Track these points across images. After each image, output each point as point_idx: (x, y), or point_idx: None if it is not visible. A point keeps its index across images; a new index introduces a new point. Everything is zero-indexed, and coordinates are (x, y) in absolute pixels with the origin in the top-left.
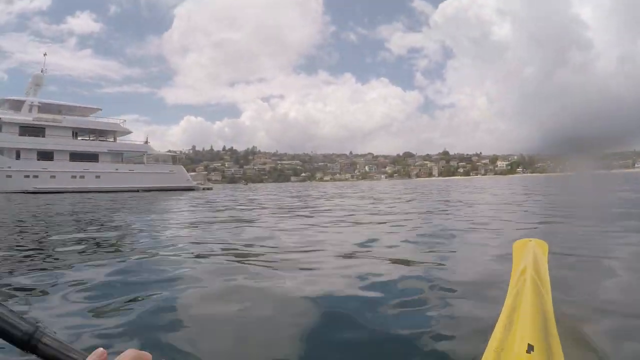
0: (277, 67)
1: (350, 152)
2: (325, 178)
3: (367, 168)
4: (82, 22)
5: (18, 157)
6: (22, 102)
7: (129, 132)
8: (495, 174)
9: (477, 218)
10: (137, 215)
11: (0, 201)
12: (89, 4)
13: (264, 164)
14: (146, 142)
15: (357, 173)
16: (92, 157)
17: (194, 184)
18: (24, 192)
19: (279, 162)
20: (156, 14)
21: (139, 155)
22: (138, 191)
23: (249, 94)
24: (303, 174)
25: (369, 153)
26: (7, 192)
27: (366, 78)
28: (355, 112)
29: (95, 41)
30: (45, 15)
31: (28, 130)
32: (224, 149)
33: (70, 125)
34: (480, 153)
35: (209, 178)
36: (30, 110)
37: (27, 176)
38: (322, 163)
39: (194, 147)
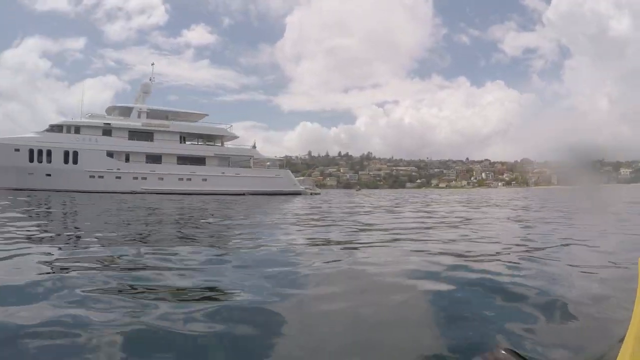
0: (390, 72)
1: (467, 159)
2: (441, 185)
3: (483, 175)
4: (198, 34)
5: (127, 159)
6: (131, 109)
7: (236, 137)
8: (618, 182)
9: None
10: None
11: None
12: (203, 17)
13: (379, 169)
14: (253, 147)
15: (474, 180)
16: (199, 161)
17: (301, 188)
18: (132, 193)
19: (394, 168)
20: (267, 24)
21: (246, 160)
22: (244, 194)
23: (363, 100)
24: (418, 180)
25: (486, 159)
26: (116, 193)
27: (481, 81)
28: (471, 116)
29: (211, 52)
30: (162, 29)
31: (137, 134)
32: (339, 154)
33: (177, 130)
34: (603, 159)
35: (324, 183)
36: (138, 116)
37: (136, 178)
38: (438, 169)
39: (309, 152)
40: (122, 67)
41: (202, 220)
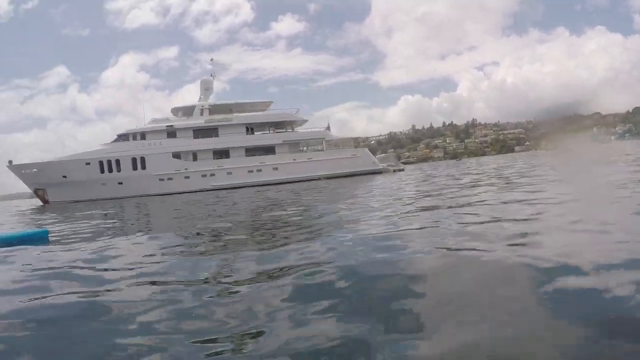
0: (484, 32)
1: (575, 114)
2: (549, 146)
3: (595, 130)
4: (287, 24)
5: (195, 158)
6: (193, 107)
7: (305, 121)
8: None
9: None
10: None
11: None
12: (289, 6)
13: (485, 135)
14: (327, 129)
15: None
16: (269, 150)
17: (380, 166)
18: (202, 191)
19: (500, 132)
20: (352, 2)
21: (319, 143)
22: (319, 179)
23: (461, 65)
24: (527, 143)
25: (596, 113)
26: (187, 192)
27: (580, 29)
28: (575, 68)
29: (302, 40)
30: (251, 25)
31: (201, 132)
32: (443, 124)
33: (241, 121)
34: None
35: (431, 156)
36: (201, 114)
37: (204, 175)
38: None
39: (413, 126)
40: (218, 68)
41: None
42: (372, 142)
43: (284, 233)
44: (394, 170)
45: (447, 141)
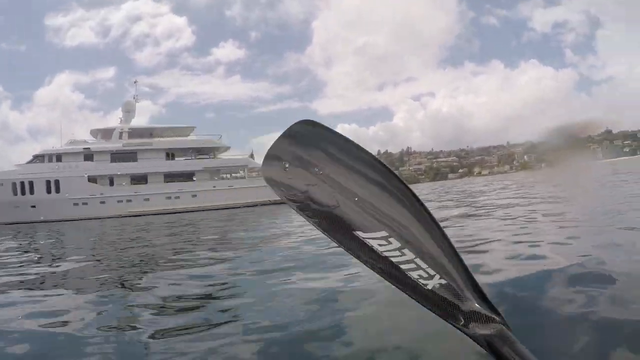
0: (421, 64)
1: (508, 143)
2: (484, 172)
3: (525, 157)
4: (227, 51)
5: (112, 183)
6: (112, 130)
7: (227, 148)
8: None
9: None
10: None
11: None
12: (230, 33)
13: (420, 163)
14: (251, 156)
15: (516, 164)
16: (189, 176)
17: None
18: (119, 217)
19: (434, 160)
20: (293, 32)
21: (241, 170)
22: (240, 207)
23: (398, 95)
24: (460, 170)
25: (527, 141)
26: (101, 218)
27: (515, 62)
28: (509, 99)
29: (242, 66)
30: (191, 50)
31: (119, 156)
32: (378, 153)
33: (161, 146)
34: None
35: None
36: (120, 137)
37: (121, 201)
38: (479, 157)
39: None
40: (156, 91)
41: None
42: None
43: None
44: None
45: None
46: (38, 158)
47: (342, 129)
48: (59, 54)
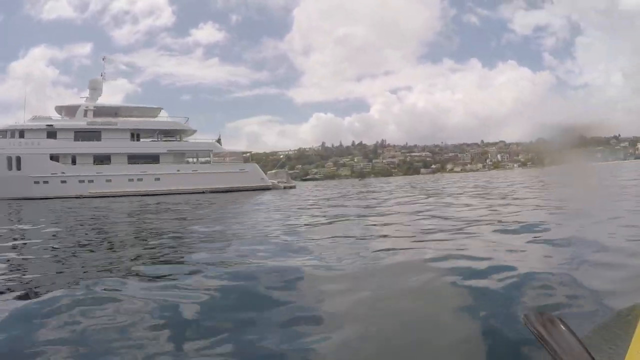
0: (401, 58)
1: (482, 141)
2: (456, 169)
3: (499, 157)
4: (206, 32)
5: (74, 162)
6: (76, 108)
7: (194, 131)
8: (636, 157)
9: None
10: None
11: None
12: (211, 15)
13: (393, 157)
14: (218, 141)
15: (489, 162)
16: (153, 159)
17: (269, 182)
18: (78, 197)
19: (408, 154)
20: (273, 18)
21: (205, 155)
22: (204, 192)
23: (376, 88)
24: (433, 166)
25: (501, 141)
26: (62, 198)
27: (493, 62)
28: (485, 98)
29: (220, 50)
30: (170, 30)
31: (82, 135)
32: (353, 144)
33: (126, 127)
34: (619, 135)
35: (338, 174)
36: (85, 115)
37: (82, 181)
38: (453, 154)
39: (323, 143)
40: (133, 70)
41: None
42: (282, 156)
43: None
44: (285, 187)
45: (355, 160)
46: (0, 133)
47: (317, 117)
48: (35, 26)
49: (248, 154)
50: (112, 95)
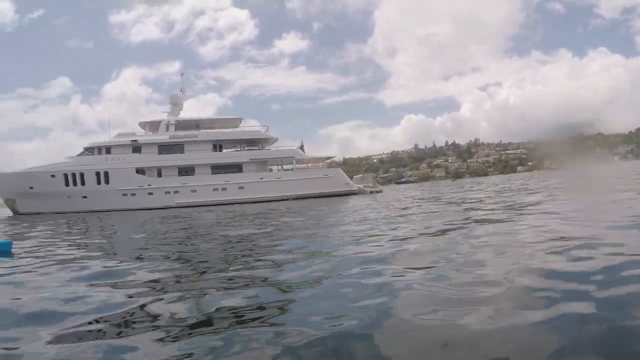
0: (486, 53)
1: (579, 134)
2: (554, 165)
3: (597, 150)
4: (290, 42)
5: (159, 174)
6: (159, 123)
7: (275, 139)
8: None
9: None
10: None
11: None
12: (292, 25)
13: (488, 155)
14: (300, 148)
15: None
16: (236, 168)
17: (355, 187)
18: (166, 208)
19: (503, 152)
20: (354, 22)
21: (289, 162)
22: (287, 199)
23: (465, 85)
24: (529, 163)
25: (599, 133)
26: (149, 209)
27: (583, 51)
28: (578, 89)
29: (305, 58)
30: (254, 43)
31: (166, 148)
32: (446, 144)
33: (207, 138)
34: None
35: (432, 175)
36: (167, 129)
37: (168, 192)
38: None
39: (415, 145)
40: (222, 84)
41: None
42: (375, 160)
43: None
44: (371, 192)
45: (449, 160)
46: (88, 150)
47: (408, 119)
48: (125, 49)
49: (331, 159)
50: (203, 109)
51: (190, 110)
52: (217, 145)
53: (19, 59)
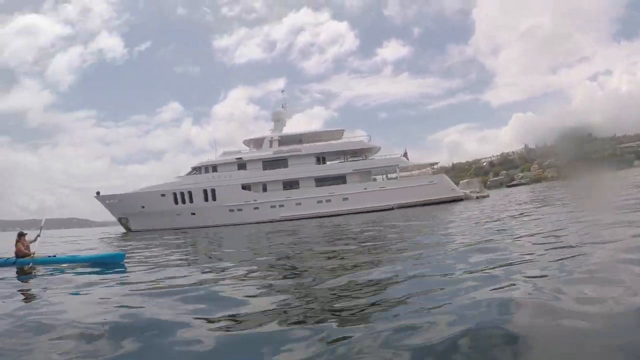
0: (593, 40)
1: None
2: None
3: None
4: (391, 50)
5: (265, 189)
6: (263, 139)
7: (378, 149)
8: None
9: None
10: None
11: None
12: (392, 32)
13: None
14: (404, 155)
15: None
16: (340, 179)
17: (461, 193)
18: (272, 221)
19: (617, 146)
20: (453, 23)
21: (393, 171)
22: (392, 209)
23: (573, 77)
24: None
25: None
26: (255, 223)
27: None
28: None
29: (408, 64)
30: (356, 53)
31: (270, 163)
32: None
33: (311, 152)
34: None
35: (544, 176)
36: (270, 145)
37: (274, 206)
38: None
39: (525, 145)
40: (328, 96)
41: None
42: (484, 164)
43: None
44: (477, 197)
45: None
46: (196, 169)
47: (516, 118)
48: (230, 71)
49: (437, 165)
50: (311, 123)
51: (299, 124)
52: (320, 158)
53: (132, 90)
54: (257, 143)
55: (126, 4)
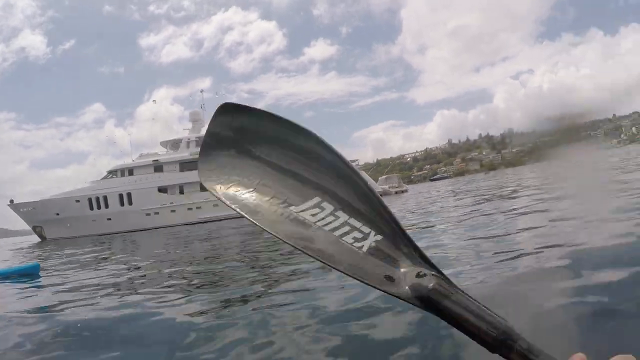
0: (517, 40)
1: (614, 115)
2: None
3: (634, 130)
4: (319, 49)
5: (182, 191)
6: (180, 141)
7: None
8: None
9: None
10: None
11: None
12: (320, 31)
13: (523, 144)
14: None
15: (624, 137)
16: None
17: (380, 189)
18: (189, 224)
19: (538, 140)
20: (381, 22)
21: None
22: None
23: (496, 76)
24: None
25: (634, 112)
26: (172, 226)
27: (614, 28)
28: (612, 68)
29: (335, 63)
30: (284, 53)
31: (187, 165)
32: (479, 136)
33: None
34: None
35: (467, 169)
36: (187, 147)
37: (190, 208)
38: (584, 132)
39: (449, 140)
40: (255, 96)
41: None
42: (408, 159)
43: None
44: (396, 192)
45: (484, 153)
46: (112, 173)
47: (441, 115)
48: (156, 71)
49: (354, 162)
50: None
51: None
52: None
53: (54, 90)
54: (175, 145)
55: (50, 0)
